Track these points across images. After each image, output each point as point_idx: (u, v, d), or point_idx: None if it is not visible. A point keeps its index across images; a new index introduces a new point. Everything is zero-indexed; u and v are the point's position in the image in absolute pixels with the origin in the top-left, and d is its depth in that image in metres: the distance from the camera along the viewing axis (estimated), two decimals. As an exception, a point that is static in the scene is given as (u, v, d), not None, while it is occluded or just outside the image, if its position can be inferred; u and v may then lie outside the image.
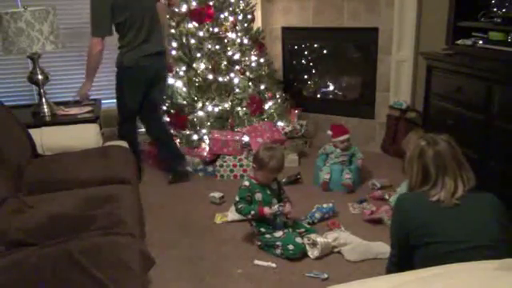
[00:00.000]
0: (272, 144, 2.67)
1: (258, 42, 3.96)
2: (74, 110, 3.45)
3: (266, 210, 2.49)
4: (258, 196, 2.55)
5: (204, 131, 3.67)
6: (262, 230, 2.53)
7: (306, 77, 4.41)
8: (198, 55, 3.68)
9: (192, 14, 3.67)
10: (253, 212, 2.49)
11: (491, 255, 1.42)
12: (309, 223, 2.75)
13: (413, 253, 1.67)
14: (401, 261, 1.75)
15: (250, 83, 3.83)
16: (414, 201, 1.74)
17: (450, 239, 1.57)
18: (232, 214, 2.88)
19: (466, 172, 1.69)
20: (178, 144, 3.64)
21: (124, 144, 3.08)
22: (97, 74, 4.50)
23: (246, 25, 3.88)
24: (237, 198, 2.56)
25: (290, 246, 2.42)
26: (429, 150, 1.70)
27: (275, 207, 2.51)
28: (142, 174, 3.43)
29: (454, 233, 1.58)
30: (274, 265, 2.38)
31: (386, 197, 3.00)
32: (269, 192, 2.58)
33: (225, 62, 3.72)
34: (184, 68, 3.72)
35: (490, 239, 1.55)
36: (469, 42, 2.82)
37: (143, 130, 3.96)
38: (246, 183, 2.57)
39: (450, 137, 1.75)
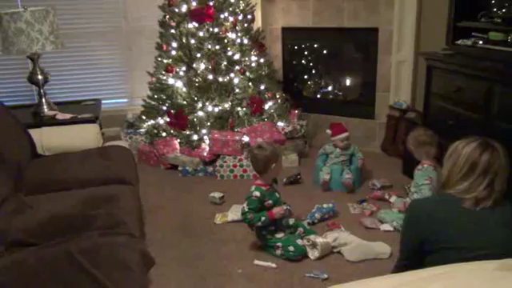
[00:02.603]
0: (259, 144, 2.61)
1: (258, 42, 3.96)
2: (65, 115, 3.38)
3: (275, 210, 2.47)
4: (269, 203, 2.50)
5: (204, 131, 3.67)
6: (263, 232, 2.52)
7: (305, 77, 4.41)
8: (198, 55, 3.68)
9: (192, 14, 3.67)
10: (263, 218, 2.44)
11: None
12: (309, 223, 2.75)
13: (423, 258, 1.63)
14: (411, 267, 1.63)
15: (250, 83, 3.83)
16: (430, 207, 1.69)
17: (466, 246, 1.53)
18: (232, 214, 2.88)
19: (505, 184, 1.63)
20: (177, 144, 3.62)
21: (124, 144, 3.08)
22: (97, 74, 4.56)
23: (246, 25, 3.88)
24: (246, 209, 2.47)
25: (291, 248, 2.42)
26: (486, 152, 1.62)
27: (284, 207, 2.50)
28: None
29: (470, 239, 1.55)
30: (273, 265, 2.38)
31: (386, 197, 3.00)
32: (278, 195, 2.57)
33: (225, 62, 3.72)
34: (184, 68, 3.72)
35: (505, 248, 1.52)
36: (469, 42, 2.82)
37: (143, 130, 3.97)
38: (257, 193, 2.48)
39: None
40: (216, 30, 3.69)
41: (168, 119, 3.76)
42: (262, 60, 3.94)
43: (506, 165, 1.64)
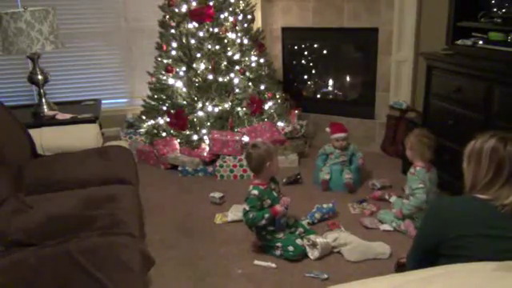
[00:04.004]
0: (254, 143, 2.61)
1: (257, 42, 3.96)
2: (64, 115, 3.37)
3: (278, 207, 2.46)
4: (268, 202, 2.50)
5: (204, 131, 3.67)
6: (263, 233, 2.52)
7: (305, 77, 4.41)
8: (198, 55, 3.68)
9: (192, 14, 3.67)
10: (266, 215, 2.43)
11: None
12: (309, 223, 2.74)
13: (437, 258, 1.51)
14: (422, 265, 1.49)
15: (250, 83, 3.83)
16: (458, 208, 1.53)
17: (493, 256, 1.33)
18: (232, 214, 2.88)
19: None
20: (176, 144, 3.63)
21: (124, 144, 3.08)
22: (97, 74, 4.56)
23: (245, 25, 3.88)
24: (247, 208, 2.46)
25: (290, 248, 2.42)
26: (507, 147, 1.48)
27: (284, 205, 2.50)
28: None
29: (501, 251, 1.39)
30: (273, 265, 2.38)
31: (386, 197, 3.00)
32: (275, 194, 2.56)
33: (225, 62, 3.72)
34: (184, 68, 3.72)
35: None
36: (469, 42, 2.82)
37: (143, 130, 3.97)
38: (255, 192, 2.48)
39: None
40: (216, 30, 3.70)
41: (168, 119, 3.76)
42: (261, 60, 3.94)
43: None
